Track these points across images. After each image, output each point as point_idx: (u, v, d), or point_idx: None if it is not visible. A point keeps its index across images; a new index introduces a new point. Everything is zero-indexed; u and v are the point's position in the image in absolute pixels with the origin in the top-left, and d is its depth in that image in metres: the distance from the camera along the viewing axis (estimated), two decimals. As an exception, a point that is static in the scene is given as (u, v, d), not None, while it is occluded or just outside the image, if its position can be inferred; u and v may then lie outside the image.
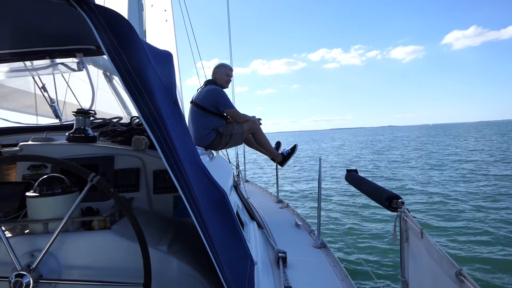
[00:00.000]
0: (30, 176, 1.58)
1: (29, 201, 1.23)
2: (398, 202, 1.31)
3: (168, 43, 5.95)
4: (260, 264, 1.96)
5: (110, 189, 1.12)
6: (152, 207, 1.68)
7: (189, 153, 1.32)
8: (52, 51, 1.86)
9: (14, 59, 1.93)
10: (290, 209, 4.15)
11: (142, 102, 1.05)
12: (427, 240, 1.05)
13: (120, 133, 1.93)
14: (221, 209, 1.46)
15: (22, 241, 1.18)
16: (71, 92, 3.43)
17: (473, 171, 14.27)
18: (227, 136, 3.56)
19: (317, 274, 2.29)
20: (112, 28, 1.02)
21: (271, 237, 2.79)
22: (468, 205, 8.52)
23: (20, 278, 1.04)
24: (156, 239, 1.37)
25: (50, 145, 1.65)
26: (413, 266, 1.24)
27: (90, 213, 1.42)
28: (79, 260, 1.22)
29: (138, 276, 1.12)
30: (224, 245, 1.25)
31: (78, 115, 1.72)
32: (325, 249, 2.74)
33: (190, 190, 1.10)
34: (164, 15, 5.94)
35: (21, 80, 3.49)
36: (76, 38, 1.71)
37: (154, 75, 1.21)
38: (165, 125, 1.09)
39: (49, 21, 1.40)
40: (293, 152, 4.25)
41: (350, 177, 2.10)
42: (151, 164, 1.69)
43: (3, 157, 1.45)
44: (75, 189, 1.28)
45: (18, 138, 2.01)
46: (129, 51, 1.05)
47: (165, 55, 1.51)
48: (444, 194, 9.97)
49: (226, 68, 3.76)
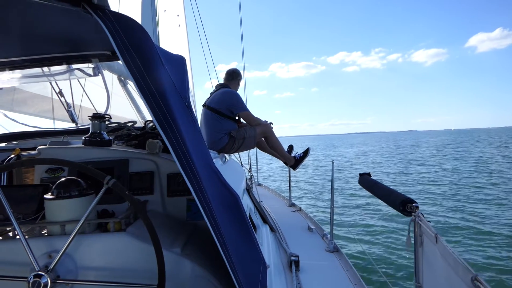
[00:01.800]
0: (47, 179, 1.61)
1: (47, 203, 1.26)
2: (412, 206, 1.30)
3: (181, 47, 6.02)
4: (273, 268, 1.96)
5: (126, 192, 1.14)
6: (166, 210, 1.69)
7: (202, 156, 1.34)
8: (68, 57, 1.90)
9: (32, 65, 1.98)
10: (302, 212, 4.13)
11: (156, 106, 1.07)
12: (442, 245, 1.03)
13: (134, 137, 1.96)
14: (234, 212, 1.46)
15: (40, 242, 1.21)
16: (87, 97, 3.50)
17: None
18: (240, 140, 3.57)
19: (330, 278, 2.28)
20: (127, 33, 1.04)
21: (283, 240, 2.78)
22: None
23: (38, 279, 1.07)
24: (170, 241, 1.38)
25: (67, 149, 1.69)
26: (428, 271, 1.22)
27: (105, 215, 1.45)
28: (95, 261, 1.24)
29: (152, 277, 1.13)
30: (237, 248, 1.25)
31: (94, 120, 1.75)
32: (338, 253, 2.71)
33: (204, 193, 1.11)
34: (177, 20, 6.02)
35: (39, 86, 3.58)
36: (92, 44, 1.75)
37: (167, 79, 1.23)
38: (179, 129, 1.11)
39: (66, 28, 1.44)
40: (305, 156, 4.23)
41: (363, 181, 2.08)
42: (165, 167, 1.71)
43: (23, 160, 1.49)
44: (91, 192, 1.31)
45: (36, 142, 2.06)
46: (143, 56, 1.07)
47: (178, 59, 1.53)
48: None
49: (240, 75, 3.87)
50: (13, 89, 3.38)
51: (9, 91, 3.38)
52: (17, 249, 1.17)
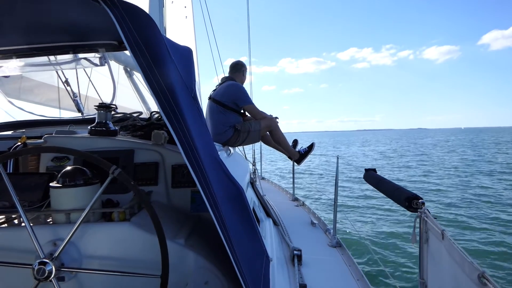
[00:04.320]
0: (53, 168, 1.62)
1: (52, 192, 1.27)
2: (418, 202, 1.29)
3: (187, 39, 6.00)
4: (276, 261, 1.96)
5: (131, 182, 1.14)
6: (170, 201, 1.70)
7: (207, 148, 1.33)
8: (75, 46, 1.90)
9: (39, 54, 1.98)
10: (305, 207, 4.13)
11: (163, 97, 1.06)
12: (448, 242, 1.02)
13: (140, 128, 1.96)
14: (238, 204, 1.46)
15: (45, 230, 1.21)
16: (93, 87, 3.51)
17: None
18: (245, 133, 3.56)
19: (333, 273, 2.27)
20: (135, 22, 1.03)
21: (286, 234, 2.78)
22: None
23: (43, 266, 1.08)
24: (174, 232, 1.38)
25: (73, 138, 1.69)
26: (433, 267, 1.21)
27: (110, 205, 1.45)
28: (99, 250, 1.24)
29: (156, 268, 1.13)
30: (240, 240, 1.25)
31: (100, 109, 1.75)
32: (340, 248, 2.71)
33: (208, 185, 1.11)
34: (184, 12, 5.99)
35: (46, 75, 3.59)
36: (99, 33, 1.74)
37: (174, 70, 1.22)
38: (185, 120, 1.10)
39: (73, 17, 1.43)
40: (310, 150, 4.22)
41: (368, 176, 2.07)
42: (170, 159, 1.71)
43: (29, 148, 1.50)
44: (96, 181, 1.31)
45: (43, 131, 2.07)
46: (150, 46, 1.06)
47: (185, 50, 1.52)
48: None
49: (244, 66, 3.83)
50: (20, 77, 3.39)
51: (16, 79, 3.39)
52: (23, 236, 1.18)
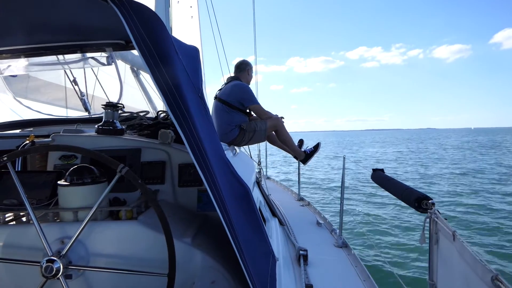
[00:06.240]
0: (61, 166, 1.63)
1: (60, 190, 1.27)
2: (428, 203, 1.27)
3: (193, 39, 6.01)
4: (282, 261, 1.95)
5: (138, 180, 1.14)
6: (177, 200, 1.70)
7: (214, 148, 1.33)
8: (83, 45, 1.90)
9: (47, 53, 1.99)
10: (311, 207, 4.12)
11: (171, 96, 1.06)
12: (459, 243, 1.00)
13: (146, 127, 1.96)
14: (244, 204, 1.46)
15: (53, 228, 1.22)
16: (100, 86, 3.52)
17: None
18: (250, 133, 3.56)
19: (339, 274, 2.26)
20: (142, 21, 1.03)
21: (292, 234, 2.77)
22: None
23: (51, 264, 1.08)
24: (181, 231, 1.38)
25: (80, 137, 1.69)
26: (443, 269, 1.19)
27: (117, 204, 1.45)
28: (106, 248, 1.24)
29: (163, 266, 1.13)
30: (247, 239, 1.25)
31: (107, 108, 1.76)
32: (346, 248, 2.69)
33: (216, 184, 1.10)
34: (189, 11, 6.00)
35: (53, 74, 3.61)
36: (106, 32, 1.74)
37: (181, 69, 1.22)
38: (192, 119, 1.10)
39: (81, 16, 1.43)
40: (316, 150, 4.20)
41: (376, 177, 2.05)
42: (177, 158, 1.71)
43: (37, 146, 1.50)
44: (103, 180, 1.31)
45: (50, 129, 2.07)
46: (158, 45, 1.06)
47: (192, 50, 1.52)
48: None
49: (249, 65, 3.81)
50: (27, 77, 3.42)
51: (24, 79, 3.41)
52: (31, 234, 1.18)
